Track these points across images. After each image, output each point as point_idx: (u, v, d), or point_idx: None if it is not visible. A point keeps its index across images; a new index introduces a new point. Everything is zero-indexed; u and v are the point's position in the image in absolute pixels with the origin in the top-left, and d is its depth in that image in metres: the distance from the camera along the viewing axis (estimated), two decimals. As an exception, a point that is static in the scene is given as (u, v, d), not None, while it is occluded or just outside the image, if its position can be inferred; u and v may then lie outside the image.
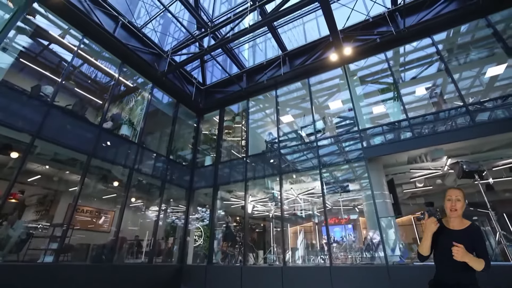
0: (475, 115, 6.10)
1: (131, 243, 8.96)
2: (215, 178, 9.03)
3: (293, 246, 14.78)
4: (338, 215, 13.50)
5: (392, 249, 5.85)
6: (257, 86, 9.53)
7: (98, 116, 10.34)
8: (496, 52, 8.18)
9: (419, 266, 5.37)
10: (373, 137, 7.18)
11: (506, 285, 4.36)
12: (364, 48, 7.94)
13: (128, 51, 8.01)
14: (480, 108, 6.20)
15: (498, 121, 5.86)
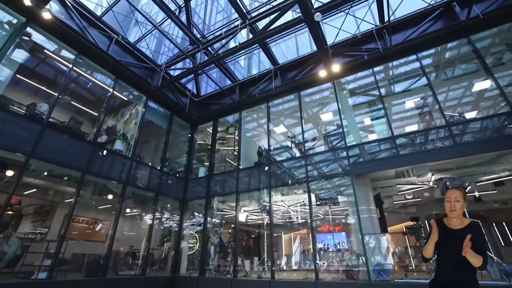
0: (456, 135, 6.27)
1: (126, 254, 9.14)
2: (208, 190, 9.23)
3: (288, 252, 15.05)
4: (332, 223, 13.70)
5: (376, 265, 6.02)
6: (249, 99, 9.71)
7: (94, 127, 10.54)
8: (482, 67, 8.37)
9: (401, 283, 5.56)
10: (360, 153, 7.35)
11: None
12: (353, 64, 8.11)
13: (122, 67, 8.20)
14: (461, 128, 6.35)
15: (477, 142, 6.02)
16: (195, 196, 9.66)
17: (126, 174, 7.95)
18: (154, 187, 8.84)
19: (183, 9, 8.44)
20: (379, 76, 8.94)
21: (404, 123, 11.63)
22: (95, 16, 7.86)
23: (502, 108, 7.85)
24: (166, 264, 9.68)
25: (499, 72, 8.35)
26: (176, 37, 10.11)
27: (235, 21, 8.31)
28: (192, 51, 8.59)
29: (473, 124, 6.50)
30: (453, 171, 7.54)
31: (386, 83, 9.55)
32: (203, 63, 8.16)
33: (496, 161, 6.97)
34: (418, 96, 9.32)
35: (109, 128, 9.63)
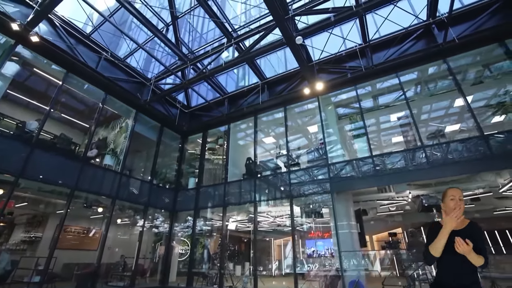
0: (431, 156, 6.52)
1: (117, 264, 9.39)
2: (196, 202, 9.47)
3: (279, 257, 15.39)
4: (320, 229, 14.01)
5: (350, 282, 6.29)
6: (237, 112, 9.91)
7: (85, 138, 10.74)
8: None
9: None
10: (341, 170, 7.59)
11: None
12: (336, 82, 8.32)
13: (111, 83, 8.37)
14: (435, 150, 6.59)
15: (452, 163, 6.26)
16: (184, 207, 9.90)
17: (115, 188, 8.16)
18: (144, 200, 9.06)
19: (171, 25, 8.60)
20: (366, 90, 9.15)
21: (391, 136, 11.92)
22: (84, 34, 8.01)
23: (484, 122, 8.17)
24: (156, 273, 9.95)
25: (478, 90, 8.67)
26: (164, 53, 10.26)
27: (222, 38, 8.47)
28: (180, 67, 8.76)
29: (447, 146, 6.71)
30: (431, 187, 7.80)
31: (372, 97, 9.78)
32: (191, 80, 8.34)
33: (472, 179, 7.24)
34: (401, 112, 9.55)
35: (99, 140, 9.82)
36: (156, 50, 9.78)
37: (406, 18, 7.55)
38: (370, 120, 11.00)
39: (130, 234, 11.81)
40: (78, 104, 10.49)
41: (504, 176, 6.74)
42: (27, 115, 9.14)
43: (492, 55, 7.41)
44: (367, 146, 7.31)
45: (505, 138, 5.95)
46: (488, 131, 8.29)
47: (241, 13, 15.05)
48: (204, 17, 8.94)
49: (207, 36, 13.23)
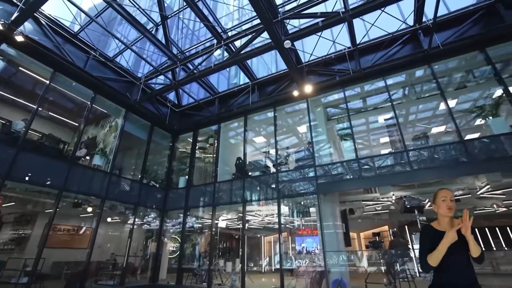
0: (414, 159, 6.73)
1: (106, 263, 9.46)
2: (186, 201, 9.56)
3: (269, 254, 15.68)
4: (311, 227, 14.30)
5: (333, 281, 6.52)
6: (228, 112, 9.96)
7: (74, 137, 10.65)
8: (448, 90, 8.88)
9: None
10: (328, 172, 7.76)
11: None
12: (324, 85, 8.44)
13: (99, 82, 8.31)
14: (417, 154, 6.80)
15: (432, 167, 6.48)
16: (174, 206, 9.99)
17: (104, 188, 8.18)
18: (134, 199, 9.10)
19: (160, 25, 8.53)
20: (355, 91, 9.29)
21: (380, 136, 12.16)
22: (72, 32, 7.90)
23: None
24: (147, 270, 10.06)
25: (462, 94, 8.91)
26: (155, 52, 10.17)
27: (212, 38, 8.44)
28: (170, 67, 8.73)
29: (429, 150, 6.92)
30: (415, 189, 8.06)
31: (361, 99, 9.95)
32: (180, 81, 8.35)
33: (453, 181, 7.49)
34: (388, 113, 9.74)
35: (89, 139, 9.77)
36: (147, 50, 9.70)
37: (394, 22, 7.69)
38: (360, 120, 11.22)
39: (121, 232, 11.86)
40: (67, 102, 10.36)
41: (481, 179, 7.01)
42: (13, 114, 9.02)
43: (474, 61, 7.61)
44: (353, 149, 7.48)
45: (481, 144, 6.18)
46: (474, 133, 8.60)
47: (234, 10, 14.96)
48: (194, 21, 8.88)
49: (199, 33, 13.15)
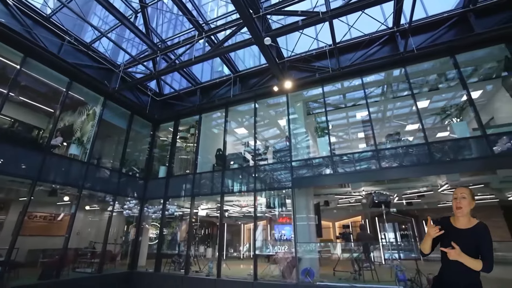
0: (382, 159, 7.12)
1: (85, 251, 9.53)
2: (166, 191, 9.67)
3: (249, 241, 16.23)
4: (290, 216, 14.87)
5: (303, 270, 6.97)
6: (209, 104, 9.96)
7: (49, 123, 10.32)
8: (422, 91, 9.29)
9: (322, 285, 6.56)
10: (303, 167, 8.07)
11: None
12: (304, 82, 8.58)
13: (75, 70, 8.03)
14: (387, 153, 7.19)
15: (400, 166, 6.89)
16: (154, 196, 10.08)
17: (82, 178, 8.11)
18: (112, 189, 9.10)
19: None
20: (335, 87, 9.49)
21: (358, 131, 12.60)
22: (43, 15, 7.50)
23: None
24: (127, 257, 10.24)
25: (435, 95, 9.34)
26: (135, 39, 9.84)
27: (192, 30, 8.28)
28: (150, 56, 8.55)
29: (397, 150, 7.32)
30: (384, 184, 8.56)
31: (342, 94, 10.21)
32: (160, 71, 8.22)
33: (419, 180, 8.03)
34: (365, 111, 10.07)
35: (65, 127, 9.52)
36: (126, 38, 9.37)
37: (375, 22, 7.83)
38: (341, 114, 11.54)
39: (100, 219, 11.87)
40: (41, 87, 9.91)
41: (442, 178, 7.55)
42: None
43: (447, 66, 7.95)
44: (328, 146, 7.78)
45: (443, 146, 6.63)
46: (446, 131, 9.06)
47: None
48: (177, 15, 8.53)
49: (182, 20, 12.73)
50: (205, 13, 8.38)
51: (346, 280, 6.97)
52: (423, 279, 5.98)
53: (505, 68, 7.40)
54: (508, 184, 7.81)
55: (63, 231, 9.70)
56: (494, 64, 8.03)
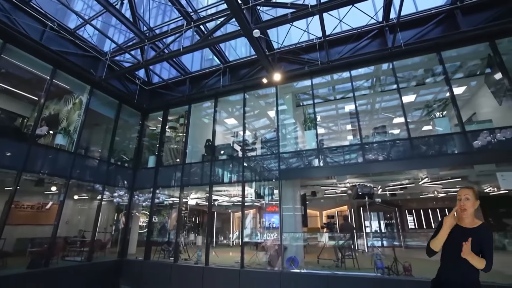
0: (367, 153, 7.32)
1: (74, 239, 9.61)
2: (155, 181, 9.73)
3: (237, 228, 16.59)
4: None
5: (288, 258, 7.27)
6: (198, 94, 9.89)
7: (34, 112, 10.09)
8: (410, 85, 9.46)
9: (305, 273, 6.88)
10: (290, 160, 8.23)
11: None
12: (294, 74, 8.61)
13: (59, 57, 7.81)
14: (372, 148, 7.39)
15: (384, 160, 7.11)
16: (143, 185, 10.12)
17: (69, 168, 8.06)
18: (101, 179, 9.09)
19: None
20: (325, 79, 9.54)
21: (346, 122, 12.79)
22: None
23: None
24: (117, 245, 10.38)
25: (422, 89, 9.52)
26: (121, 29, 9.54)
27: (180, 18, 8.08)
28: (137, 44, 8.35)
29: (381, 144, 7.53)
30: (369, 177, 8.84)
31: (331, 86, 10.29)
32: (148, 61, 8.07)
33: (402, 173, 8.31)
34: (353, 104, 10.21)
35: (50, 116, 9.34)
36: (113, 25, 9.08)
37: (365, 16, 7.81)
38: (331, 106, 11.65)
39: (90, 208, 11.88)
40: (24, 74, 9.59)
41: (423, 171, 7.85)
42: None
43: (433, 62, 8.08)
44: (315, 139, 7.92)
45: (424, 142, 6.87)
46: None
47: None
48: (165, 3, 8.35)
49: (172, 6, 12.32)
50: (194, 1, 8.14)
51: (329, 268, 7.31)
52: (399, 266, 6.33)
53: (487, 66, 7.57)
54: (484, 178, 8.19)
55: (52, 220, 9.70)
56: (478, 62, 8.21)
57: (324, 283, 6.28)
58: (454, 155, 6.52)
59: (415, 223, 13.54)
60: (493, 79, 7.50)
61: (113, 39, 7.61)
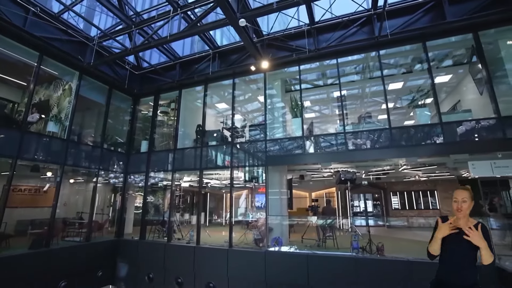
0: (350, 141, 7.63)
1: (73, 221, 10.10)
2: (147, 166, 10.07)
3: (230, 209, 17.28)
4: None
5: (272, 238, 7.82)
6: (188, 80, 9.93)
7: (24, 98, 10.11)
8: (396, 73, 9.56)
9: (288, 252, 7.45)
10: (276, 146, 8.53)
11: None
12: (281, 62, 8.66)
13: (44, 44, 7.74)
14: (355, 136, 7.68)
15: (366, 149, 7.44)
16: (136, 170, 10.46)
17: (63, 155, 8.30)
18: (95, 164, 9.38)
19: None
20: (315, 64, 9.58)
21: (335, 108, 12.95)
22: (3, -17, 6.98)
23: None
24: (114, 226, 10.92)
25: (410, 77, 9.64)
26: (108, 14, 9.30)
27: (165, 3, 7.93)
28: (124, 30, 8.25)
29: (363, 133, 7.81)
30: (352, 163, 9.22)
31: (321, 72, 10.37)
32: (136, 48, 8.04)
33: (383, 159, 8.68)
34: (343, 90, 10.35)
35: (41, 101, 9.40)
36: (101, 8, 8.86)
37: (354, 3, 7.73)
38: (322, 90, 11.77)
39: (86, 190, 12.28)
40: (12, 60, 9.50)
41: (402, 159, 8.23)
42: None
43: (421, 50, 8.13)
44: (301, 126, 8.18)
45: (403, 132, 7.17)
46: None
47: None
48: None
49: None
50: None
51: (311, 247, 7.91)
52: (373, 247, 6.89)
53: (472, 56, 7.68)
54: (461, 164, 8.60)
55: (50, 202, 10.11)
56: (463, 51, 8.29)
57: (304, 261, 6.85)
58: (431, 145, 6.85)
59: (399, 204, 14.28)
60: (476, 69, 7.65)
61: (98, 26, 7.56)
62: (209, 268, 7.98)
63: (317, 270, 6.70)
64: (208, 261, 8.01)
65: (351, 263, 6.53)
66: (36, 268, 7.09)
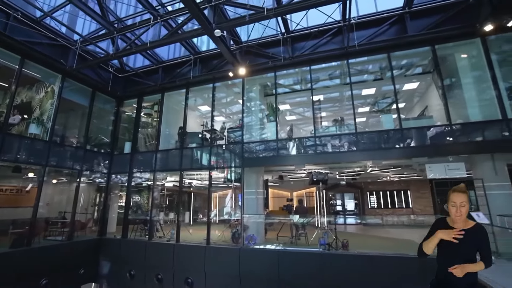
0: (319, 144, 8.15)
1: (55, 221, 10.27)
2: (130, 166, 10.35)
3: (215, 207, 17.68)
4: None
5: (247, 236, 8.27)
6: (170, 83, 10.24)
7: (5, 99, 10.19)
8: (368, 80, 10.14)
9: (260, 249, 7.92)
10: (253, 149, 8.98)
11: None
12: (258, 68, 9.09)
13: (26, 48, 7.93)
14: (325, 140, 8.20)
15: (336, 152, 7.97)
16: (119, 170, 10.72)
17: (45, 156, 8.51)
18: (78, 165, 9.59)
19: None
20: (293, 70, 10.04)
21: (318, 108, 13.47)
22: (-17, -12, 7.15)
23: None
24: (97, 225, 11.14)
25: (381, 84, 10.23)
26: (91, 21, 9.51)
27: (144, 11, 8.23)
28: (106, 35, 8.50)
29: (334, 137, 8.34)
30: (325, 164, 9.76)
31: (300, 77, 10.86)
32: (118, 53, 8.31)
33: (354, 162, 9.25)
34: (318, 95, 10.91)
35: (23, 103, 9.53)
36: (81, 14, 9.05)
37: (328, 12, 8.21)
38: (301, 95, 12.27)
39: (70, 190, 12.42)
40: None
41: (369, 161, 8.82)
42: None
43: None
44: (276, 130, 8.65)
45: (368, 136, 7.74)
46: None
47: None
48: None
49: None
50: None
51: (284, 244, 8.39)
52: (339, 243, 7.43)
53: (432, 67, 8.31)
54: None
55: (32, 202, 10.27)
56: (429, 61, 8.92)
57: (275, 257, 7.33)
58: (394, 148, 7.43)
59: (375, 203, 15.02)
60: (437, 78, 8.28)
61: (80, 32, 7.78)
62: (188, 264, 8.37)
63: (287, 265, 7.19)
64: (187, 258, 8.40)
65: (318, 257, 7.05)
66: (17, 267, 7.31)
